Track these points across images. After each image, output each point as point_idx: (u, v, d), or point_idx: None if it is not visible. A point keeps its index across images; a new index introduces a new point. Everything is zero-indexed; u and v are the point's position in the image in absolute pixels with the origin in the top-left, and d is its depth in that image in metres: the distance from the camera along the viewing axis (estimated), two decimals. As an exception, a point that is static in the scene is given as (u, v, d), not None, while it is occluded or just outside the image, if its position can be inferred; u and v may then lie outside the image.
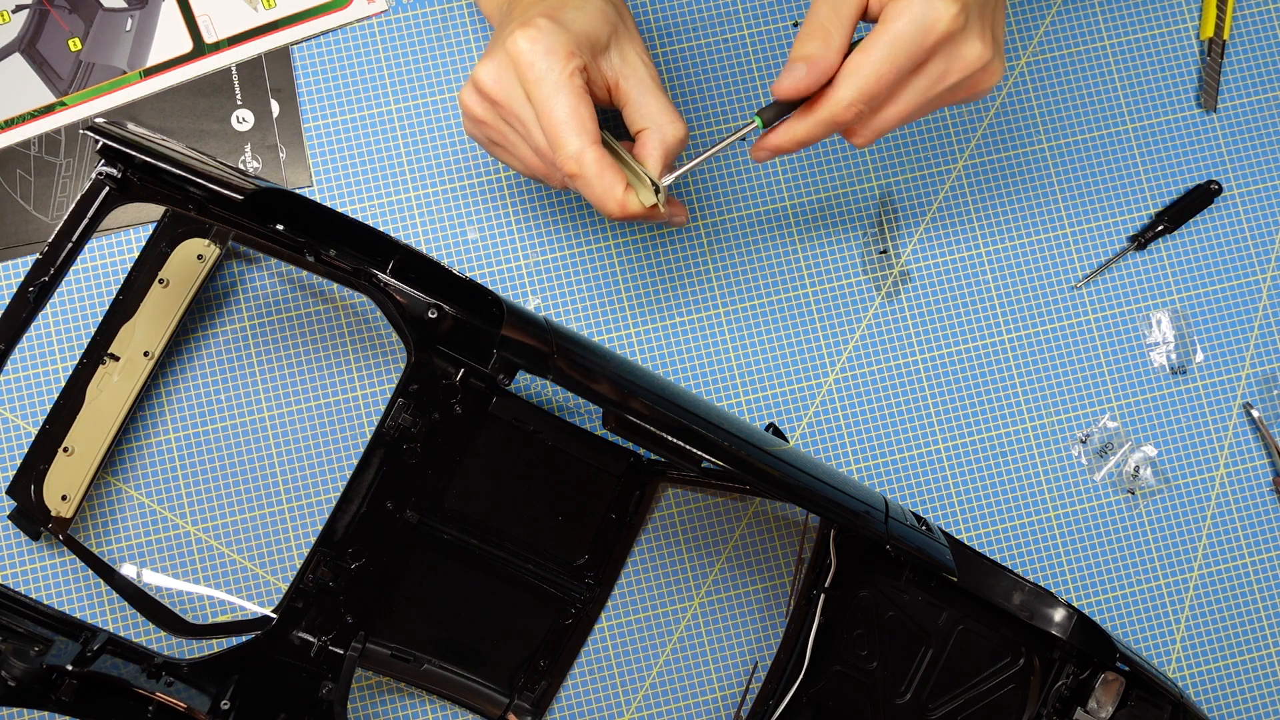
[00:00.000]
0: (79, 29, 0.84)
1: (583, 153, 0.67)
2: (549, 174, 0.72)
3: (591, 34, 0.69)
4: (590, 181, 0.68)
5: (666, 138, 0.71)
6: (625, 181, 0.69)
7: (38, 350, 0.82)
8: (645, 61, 0.72)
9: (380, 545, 0.76)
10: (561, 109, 0.67)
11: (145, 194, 0.68)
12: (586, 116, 0.67)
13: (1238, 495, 0.87)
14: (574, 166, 0.68)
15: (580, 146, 0.67)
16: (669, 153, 0.72)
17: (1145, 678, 0.76)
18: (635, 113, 0.72)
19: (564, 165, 0.68)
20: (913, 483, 0.85)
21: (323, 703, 0.74)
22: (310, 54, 0.85)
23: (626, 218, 0.70)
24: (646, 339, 0.85)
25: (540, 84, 0.67)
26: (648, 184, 0.70)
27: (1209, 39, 0.88)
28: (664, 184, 0.71)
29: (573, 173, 0.68)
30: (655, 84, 0.72)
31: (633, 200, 0.69)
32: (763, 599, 0.84)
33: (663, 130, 0.71)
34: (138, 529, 0.82)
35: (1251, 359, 0.87)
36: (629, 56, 0.72)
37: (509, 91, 0.69)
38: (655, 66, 0.74)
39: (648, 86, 0.72)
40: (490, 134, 0.72)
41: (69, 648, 0.67)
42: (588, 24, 0.69)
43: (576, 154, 0.67)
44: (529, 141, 0.70)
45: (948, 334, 0.86)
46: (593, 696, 0.83)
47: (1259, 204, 0.88)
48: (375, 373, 0.84)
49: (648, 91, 0.72)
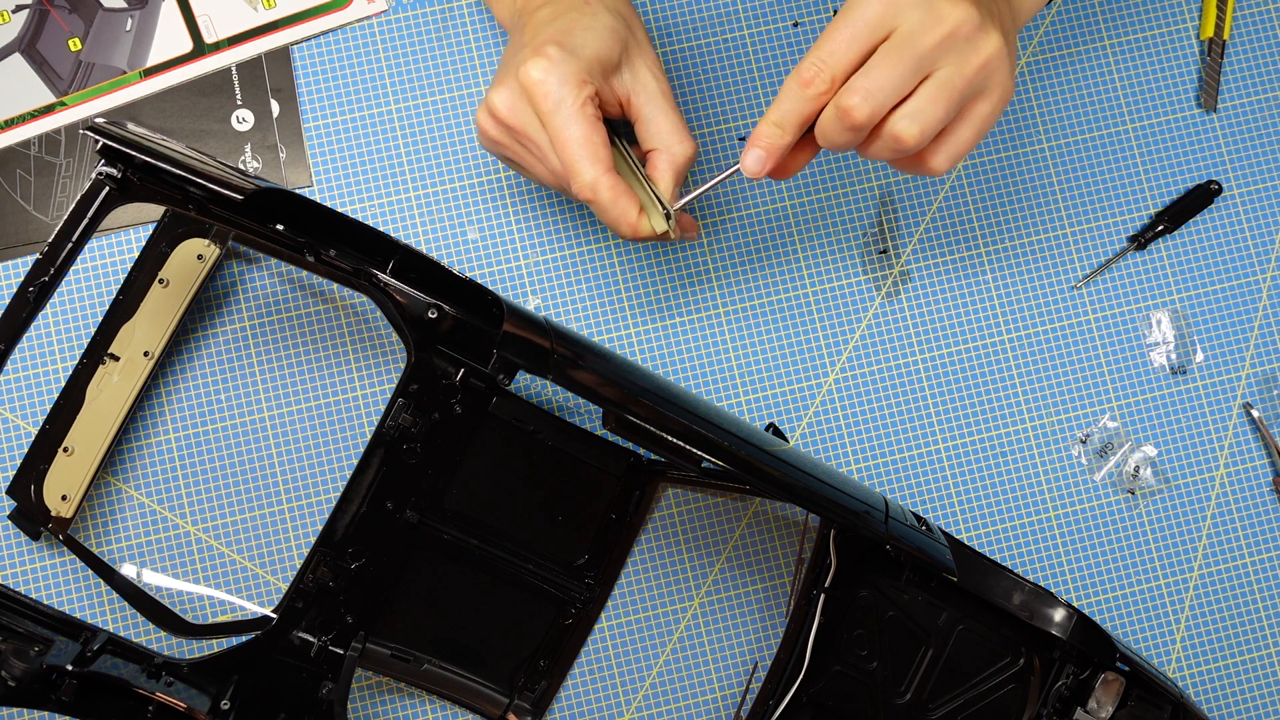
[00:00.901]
0: (79, 29, 0.84)
1: (597, 181, 0.69)
2: (564, 188, 0.73)
3: (603, 56, 0.70)
4: (605, 208, 0.70)
5: (676, 158, 0.73)
6: (638, 206, 0.71)
7: (38, 350, 0.82)
8: (657, 76, 0.74)
9: (380, 545, 0.76)
10: (575, 139, 0.68)
11: (145, 194, 0.68)
12: (599, 144, 0.69)
13: (1238, 495, 0.87)
14: (588, 194, 0.69)
15: (594, 175, 0.69)
16: (679, 173, 0.74)
17: (1145, 678, 0.76)
18: (645, 130, 0.74)
19: (579, 193, 0.70)
20: (913, 483, 0.85)
21: (323, 703, 0.74)
22: (310, 54, 0.85)
23: (639, 239, 0.72)
24: (646, 339, 0.85)
25: (554, 114, 0.68)
26: (659, 208, 0.72)
27: (1209, 39, 0.88)
28: (674, 209, 0.73)
29: (587, 199, 0.70)
30: (666, 99, 0.73)
31: (645, 225, 0.71)
32: (763, 599, 0.84)
33: (671, 151, 0.73)
34: (138, 529, 0.82)
35: (1251, 359, 0.87)
36: (640, 73, 0.73)
37: (523, 119, 0.70)
38: (667, 78, 0.75)
39: (658, 104, 0.73)
40: (506, 153, 0.74)
41: (69, 648, 0.67)
42: (599, 46, 0.70)
43: (591, 183, 0.69)
44: (544, 164, 0.72)
45: (948, 334, 0.86)
46: (593, 696, 0.83)
47: (1259, 204, 0.88)
48: (375, 373, 0.84)
49: (658, 109, 0.73)
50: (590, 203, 0.70)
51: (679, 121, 0.73)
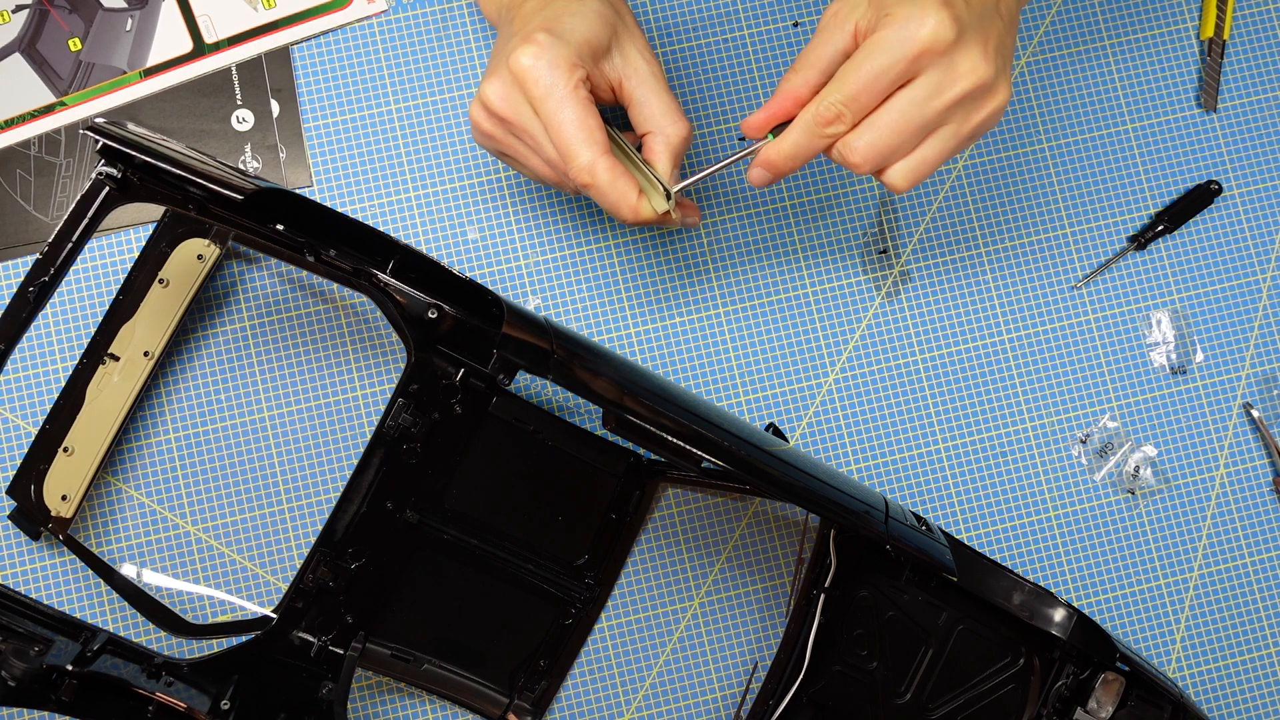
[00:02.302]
0: (79, 29, 0.84)
1: (594, 164, 0.68)
2: (561, 181, 0.73)
3: (592, 40, 0.70)
4: (604, 191, 0.69)
5: (671, 140, 0.72)
6: (638, 188, 0.70)
7: (38, 350, 0.83)
8: (647, 58, 0.73)
9: (380, 545, 0.76)
10: (570, 123, 0.68)
11: (145, 194, 0.68)
12: (595, 127, 0.68)
13: (1238, 495, 0.87)
14: (586, 178, 0.69)
15: (591, 158, 0.68)
16: (675, 154, 0.73)
17: (1145, 678, 0.76)
18: (639, 114, 0.73)
19: (576, 177, 0.69)
20: (913, 483, 0.85)
21: (323, 703, 0.74)
22: (310, 54, 0.85)
23: (640, 223, 0.71)
24: (646, 339, 0.85)
25: (546, 99, 0.68)
26: (659, 189, 0.71)
27: (1209, 39, 0.88)
28: (675, 190, 0.72)
29: (585, 183, 0.69)
30: (658, 81, 0.73)
31: (645, 207, 0.71)
32: (763, 599, 0.84)
33: (666, 133, 0.72)
34: (138, 529, 0.82)
35: (1251, 359, 0.87)
36: (630, 56, 0.72)
37: (516, 108, 0.70)
38: (658, 59, 0.74)
39: (650, 86, 0.72)
40: (500, 147, 0.74)
41: (69, 648, 0.67)
42: (587, 31, 0.70)
43: (588, 165, 0.68)
44: (540, 154, 0.71)
45: (948, 334, 0.86)
46: (593, 696, 0.83)
47: (1259, 204, 0.88)
48: (375, 373, 0.84)
49: (650, 91, 0.72)
50: (588, 188, 0.69)
51: (672, 103, 0.73)
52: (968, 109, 0.66)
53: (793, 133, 0.68)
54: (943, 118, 0.66)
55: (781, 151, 0.69)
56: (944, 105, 0.65)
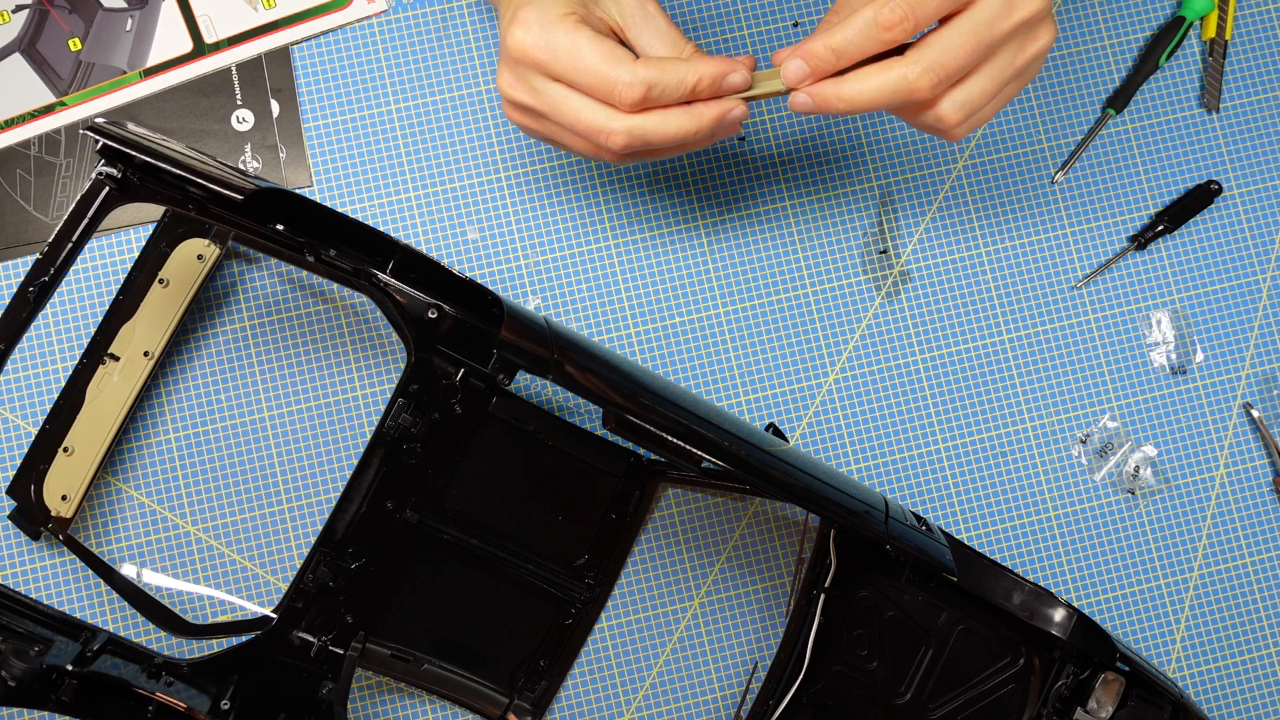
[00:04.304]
0: (79, 29, 0.84)
1: (636, 70, 0.65)
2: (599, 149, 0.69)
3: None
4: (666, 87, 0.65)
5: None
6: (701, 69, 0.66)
7: (38, 350, 0.83)
8: None
9: (380, 545, 0.76)
10: (590, 59, 0.65)
11: (145, 194, 0.68)
12: (615, 46, 0.66)
13: (1238, 495, 0.87)
14: (641, 90, 0.65)
15: (631, 70, 0.65)
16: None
17: (1145, 678, 0.76)
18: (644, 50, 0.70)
19: (629, 95, 0.65)
20: (913, 483, 0.85)
21: (323, 703, 0.74)
22: (310, 54, 0.85)
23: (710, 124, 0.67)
24: (646, 339, 0.85)
25: (555, 58, 0.66)
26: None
27: (1211, 39, 0.88)
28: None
29: (639, 98, 0.65)
30: (660, 18, 0.70)
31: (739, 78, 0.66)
32: (763, 599, 0.84)
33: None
34: (138, 529, 0.82)
35: (1251, 359, 0.87)
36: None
37: (530, 89, 0.68)
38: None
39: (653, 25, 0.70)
40: (536, 130, 0.71)
41: (69, 648, 0.67)
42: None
43: (633, 78, 0.65)
44: (575, 128, 0.68)
45: (948, 334, 0.86)
46: (593, 696, 0.83)
47: (1259, 204, 0.88)
48: (375, 373, 0.84)
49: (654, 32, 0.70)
50: (646, 98, 0.65)
51: (678, 37, 0.70)
52: (1022, 40, 0.65)
53: (848, 28, 0.63)
54: (1002, 42, 0.64)
55: (831, 44, 0.64)
56: (1006, 30, 0.63)
